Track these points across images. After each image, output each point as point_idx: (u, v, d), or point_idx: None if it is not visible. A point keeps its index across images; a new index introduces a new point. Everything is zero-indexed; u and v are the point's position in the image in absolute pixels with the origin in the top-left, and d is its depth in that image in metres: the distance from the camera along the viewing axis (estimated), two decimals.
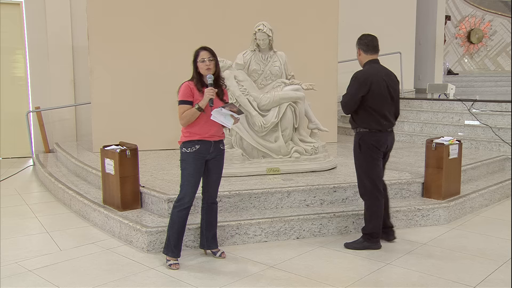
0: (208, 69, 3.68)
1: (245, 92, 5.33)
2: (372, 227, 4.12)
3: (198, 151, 3.69)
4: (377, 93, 3.98)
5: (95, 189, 5.46)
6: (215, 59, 3.73)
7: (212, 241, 3.95)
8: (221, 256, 3.93)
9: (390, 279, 3.53)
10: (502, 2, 15.37)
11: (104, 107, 7.05)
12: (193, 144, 3.69)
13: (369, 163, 4.09)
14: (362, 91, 3.98)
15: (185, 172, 3.72)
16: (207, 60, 3.68)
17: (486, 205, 5.44)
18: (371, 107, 4.00)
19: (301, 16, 7.67)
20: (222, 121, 3.68)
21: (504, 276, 3.57)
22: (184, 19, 7.18)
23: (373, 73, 4.03)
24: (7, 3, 8.38)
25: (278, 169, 5.38)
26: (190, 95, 3.68)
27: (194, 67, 3.75)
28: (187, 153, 3.70)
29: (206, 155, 3.73)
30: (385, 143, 4.10)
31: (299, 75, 5.82)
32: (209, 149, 3.73)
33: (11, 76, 8.58)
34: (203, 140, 3.70)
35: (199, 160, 3.71)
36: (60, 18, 8.37)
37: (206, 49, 3.73)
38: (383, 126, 4.04)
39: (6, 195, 6.02)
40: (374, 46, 4.10)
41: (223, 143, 3.88)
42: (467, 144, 7.19)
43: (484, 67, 15.54)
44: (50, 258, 3.95)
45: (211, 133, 3.72)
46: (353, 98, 4.04)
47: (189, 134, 3.71)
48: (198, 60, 3.70)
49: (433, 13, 12.24)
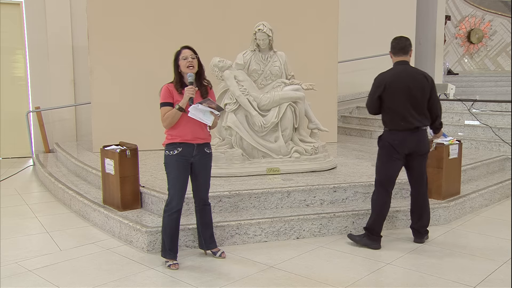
0: (190, 66, 3.60)
1: (245, 92, 5.33)
2: (371, 222, 4.15)
3: (181, 153, 3.63)
4: (394, 93, 4.05)
5: (95, 189, 5.46)
6: (198, 58, 3.66)
7: (210, 241, 3.94)
8: (221, 256, 3.92)
9: (390, 279, 3.53)
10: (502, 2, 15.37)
11: (104, 107, 7.05)
12: (175, 146, 3.63)
13: (383, 161, 4.19)
14: (378, 91, 4.10)
15: (170, 176, 3.67)
16: (189, 57, 3.60)
17: (486, 205, 5.44)
18: (389, 107, 4.10)
19: (301, 16, 7.67)
20: (201, 118, 3.57)
21: (504, 276, 3.57)
22: (184, 19, 7.18)
23: (392, 74, 4.11)
24: (7, 3, 8.38)
25: (278, 169, 5.38)
26: (169, 96, 3.63)
27: (175, 67, 3.68)
28: (169, 156, 3.65)
29: (189, 158, 3.66)
30: (404, 143, 4.08)
31: (299, 75, 5.82)
32: (192, 152, 3.66)
33: (11, 76, 8.58)
34: (185, 142, 3.63)
35: (182, 163, 3.64)
36: (60, 18, 8.37)
37: (188, 48, 3.67)
38: (401, 126, 4.07)
39: (6, 195, 6.02)
40: (401, 48, 4.15)
41: (209, 146, 3.78)
42: (467, 144, 7.19)
43: (484, 67, 15.54)
44: (50, 258, 3.95)
45: (193, 136, 3.64)
46: (371, 99, 4.19)
47: (171, 136, 3.65)
48: (180, 58, 3.63)
49: (433, 13, 12.23)
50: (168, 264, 3.72)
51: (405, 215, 4.68)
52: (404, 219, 4.68)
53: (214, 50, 6.22)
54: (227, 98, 5.42)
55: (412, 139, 4.11)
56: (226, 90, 5.46)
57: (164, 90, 3.67)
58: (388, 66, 4.25)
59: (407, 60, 4.17)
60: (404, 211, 4.67)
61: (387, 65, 4.23)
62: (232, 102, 5.35)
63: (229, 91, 5.40)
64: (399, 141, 4.09)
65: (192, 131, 3.64)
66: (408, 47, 4.15)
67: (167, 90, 3.66)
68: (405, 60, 4.16)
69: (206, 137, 3.75)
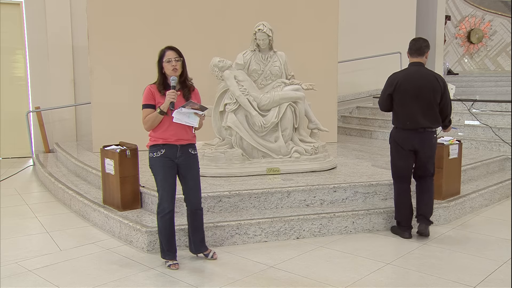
0: (174, 69, 3.56)
1: (245, 92, 5.33)
2: (396, 215, 4.45)
3: (164, 155, 3.60)
4: (403, 93, 4.21)
5: (95, 189, 5.46)
6: (182, 60, 3.62)
7: (201, 245, 3.88)
8: (212, 258, 3.86)
9: (390, 279, 3.53)
10: (502, 2, 15.37)
11: (104, 107, 7.05)
12: (158, 148, 3.61)
13: (393, 155, 4.44)
14: (388, 90, 4.32)
15: (157, 178, 3.65)
16: (173, 60, 3.55)
17: (486, 205, 5.44)
18: (397, 106, 4.27)
19: (301, 16, 7.67)
20: (186, 121, 3.54)
21: (504, 276, 3.57)
22: (184, 19, 7.18)
23: (404, 74, 4.28)
24: (7, 3, 8.38)
25: (278, 169, 5.38)
26: (151, 98, 3.60)
27: (159, 68, 3.63)
28: (154, 158, 3.63)
29: (173, 159, 3.63)
30: (410, 142, 4.26)
31: (299, 75, 5.82)
32: (176, 153, 3.63)
33: (11, 76, 8.58)
34: (168, 144, 3.60)
35: (167, 164, 3.61)
36: (60, 18, 8.37)
37: (173, 49, 3.61)
38: (406, 125, 4.24)
39: (6, 195, 6.02)
40: (417, 49, 4.29)
41: (193, 147, 3.74)
42: (467, 144, 7.19)
43: (484, 67, 15.53)
44: (50, 258, 3.95)
45: (176, 137, 3.61)
46: (382, 96, 4.42)
47: (154, 138, 3.63)
48: (164, 60, 3.57)
49: (433, 13, 12.23)
50: (168, 264, 3.71)
51: None
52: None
53: (214, 50, 6.22)
54: (227, 98, 5.42)
55: (416, 138, 4.23)
56: (226, 90, 5.46)
57: (146, 92, 3.64)
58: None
59: (422, 62, 4.31)
60: None
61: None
62: (232, 102, 5.35)
63: (229, 91, 5.39)
64: (402, 139, 4.28)
65: (175, 132, 3.60)
66: (424, 49, 4.27)
67: (149, 92, 3.62)
68: (420, 62, 4.30)
69: (190, 138, 3.70)
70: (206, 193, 4.48)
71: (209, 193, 4.50)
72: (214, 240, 4.18)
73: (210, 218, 4.32)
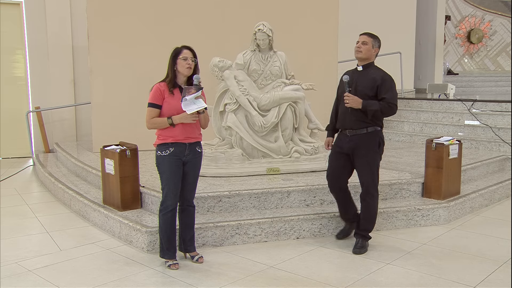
0: (189, 68, 3.59)
1: (245, 92, 5.33)
2: (373, 226, 4.15)
3: (173, 153, 3.61)
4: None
5: (95, 189, 5.46)
6: (196, 61, 3.65)
7: (190, 244, 3.85)
8: (198, 261, 3.81)
9: (390, 279, 3.53)
10: (502, 2, 15.37)
11: (104, 107, 7.05)
12: (167, 147, 3.61)
13: (379, 162, 4.10)
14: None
15: (164, 176, 3.65)
16: (189, 59, 3.59)
17: (486, 205, 5.44)
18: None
19: (301, 16, 7.67)
20: (196, 108, 3.51)
21: (504, 276, 3.57)
22: (184, 19, 7.17)
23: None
24: (7, 3, 8.37)
25: (278, 169, 5.38)
26: (160, 98, 3.59)
27: (172, 65, 3.63)
28: (162, 157, 3.63)
29: (181, 157, 3.65)
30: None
31: (299, 75, 5.82)
32: (184, 151, 3.64)
33: (11, 76, 8.58)
34: (178, 142, 3.61)
35: (174, 162, 3.62)
36: (60, 18, 8.37)
37: (190, 49, 3.64)
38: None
39: (6, 195, 6.02)
40: None
41: (200, 145, 3.76)
42: (467, 144, 7.19)
43: (484, 67, 15.54)
44: (50, 258, 3.95)
45: (185, 135, 3.62)
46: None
47: (162, 137, 3.63)
48: (180, 57, 3.59)
49: (433, 13, 12.24)
50: (168, 264, 3.71)
51: (405, 215, 4.68)
52: (404, 219, 4.69)
53: (214, 50, 6.21)
54: (227, 98, 5.41)
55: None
56: (226, 90, 5.46)
57: (154, 90, 3.63)
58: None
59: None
60: (404, 211, 4.68)
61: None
62: (232, 102, 5.35)
63: (229, 91, 5.39)
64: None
65: (184, 131, 3.62)
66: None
67: (158, 90, 3.62)
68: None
69: (197, 136, 3.73)
70: (206, 193, 4.49)
71: (209, 193, 4.50)
72: (214, 240, 4.18)
73: (210, 218, 4.32)
